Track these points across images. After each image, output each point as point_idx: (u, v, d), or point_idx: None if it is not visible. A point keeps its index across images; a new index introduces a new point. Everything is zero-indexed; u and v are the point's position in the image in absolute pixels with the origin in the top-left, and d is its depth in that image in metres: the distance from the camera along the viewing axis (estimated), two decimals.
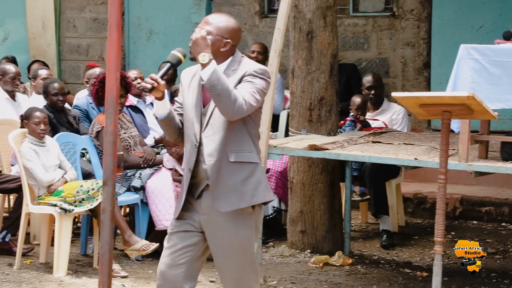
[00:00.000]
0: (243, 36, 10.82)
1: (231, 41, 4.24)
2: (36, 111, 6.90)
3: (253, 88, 4.14)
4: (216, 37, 4.23)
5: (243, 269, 4.27)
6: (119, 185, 7.01)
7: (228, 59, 4.27)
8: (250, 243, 4.25)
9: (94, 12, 11.50)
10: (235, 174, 4.19)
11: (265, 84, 4.20)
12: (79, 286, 6.33)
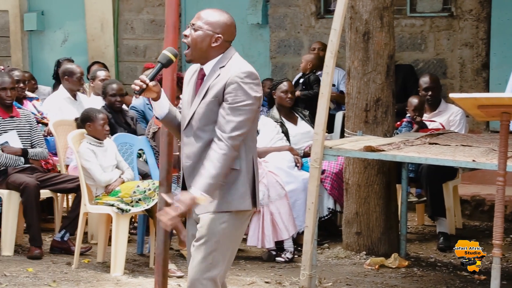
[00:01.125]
0: (298, 37, 10.85)
1: (222, 36, 4.15)
2: (99, 113, 6.98)
3: (234, 119, 4.01)
4: (207, 32, 4.15)
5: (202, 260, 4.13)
6: (175, 185, 7.05)
7: (220, 55, 4.18)
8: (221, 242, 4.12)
9: (152, 14, 11.60)
10: None
11: (249, 90, 4.05)
12: (136, 285, 6.38)
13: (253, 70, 4.14)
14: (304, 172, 7.45)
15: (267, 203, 7.13)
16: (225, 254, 4.16)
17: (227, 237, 4.14)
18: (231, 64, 4.13)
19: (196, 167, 4.14)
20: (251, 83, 4.08)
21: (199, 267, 4.12)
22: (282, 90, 7.85)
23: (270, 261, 7.19)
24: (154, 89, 4.17)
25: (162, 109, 4.24)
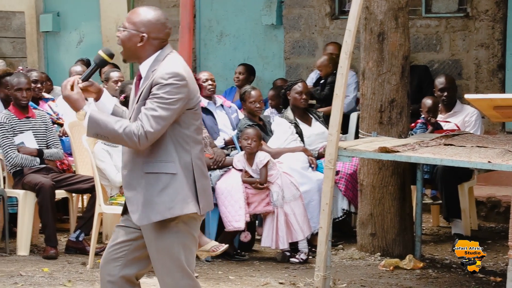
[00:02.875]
0: (313, 38, 10.84)
1: (147, 34, 4.05)
2: None
3: (154, 110, 3.93)
4: (131, 32, 4.07)
5: (167, 275, 4.10)
6: None
7: (154, 55, 4.09)
8: (173, 253, 4.05)
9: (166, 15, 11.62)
10: (151, 185, 4.02)
11: (174, 89, 3.96)
12: (151, 285, 6.39)
13: (180, 71, 4.02)
14: (318, 173, 7.44)
15: (281, 204, 7.12)
16: (189, 257, 4.11)
17: (184, 242, 4.07)
18: (163, 64, 4.04)
19: (132, 176, 4.06)
20: (174, 84, 3.97)
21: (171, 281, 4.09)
22: (297, 91, 7.85)
23: (284, 262, 7.18)
24: (91, 89, 4.16)
25: (104, 109, 4.18)
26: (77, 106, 4.03)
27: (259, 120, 7.87)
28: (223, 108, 8.29)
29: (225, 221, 7.08)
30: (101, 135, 3.99)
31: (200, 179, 4.10)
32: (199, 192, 4.08)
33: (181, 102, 3.99)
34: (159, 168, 4.02)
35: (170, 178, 4.02)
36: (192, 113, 4.08)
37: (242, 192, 7.09)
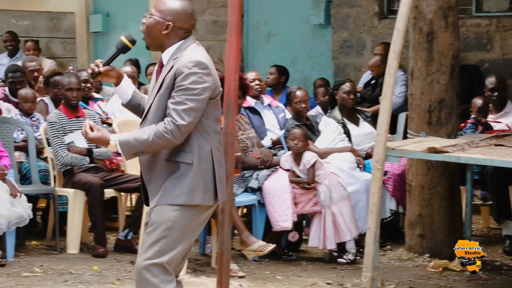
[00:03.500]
0: (361, 37, 10.78)
1: (173, 23, 4.08)
2: None
3: (183, 103, 3.97)
4: (158, 20, 4.10)
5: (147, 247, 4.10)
6: (237, 185, 7.08)
7: (176, 44, 4.12)
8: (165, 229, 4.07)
9: (214, 15, 11.65)
10: (168, 172, 4.08)
11: (199, 79, 4.00)
12: (198, 285, 6.42)
13: (203, 59, 4.06)
14: (366, 173, 7.40)
15: (328, 204, 7.10)
16: (176, 243, 4.11)
17: (177, 227, 4.09)
18: (185, 54, 4.07)
19: (152, 163, 4.12)
20: (199, 73, 4.01)
21: (146, 253, 4.10)
22: (345, 91, 7.82)
23: (331, 263, 7.16)
24: (111, 74, 4.20)
25: (124, 95, 4.25)
26: (105, 141, 4.10)
27: (306, 120, 7.85)
28: (271, 107, 8.29)
29: (272, 221, 7.08)
30: (139, 152, 4.05)
31: (219, 169, 4.16)
32: (218, 182, 4.15)
33: (207, 91, 4.04)
34: (179, 157, 4.08)
35: (186, 167, 4.08)
36: (213, 103, 4.11)
37: (289, 192, 7.08)
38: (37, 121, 7.90)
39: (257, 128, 7.84)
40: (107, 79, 4.24)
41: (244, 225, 6.85)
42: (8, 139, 7.44)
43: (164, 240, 4.09)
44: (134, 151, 4.05)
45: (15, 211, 6.77)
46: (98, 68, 4.17)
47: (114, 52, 4.25)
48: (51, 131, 7.32)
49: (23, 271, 6.64)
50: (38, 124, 7.86)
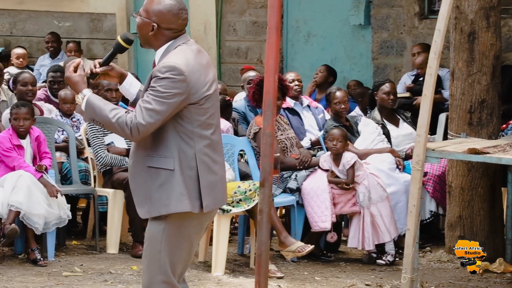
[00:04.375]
0: (401, 38, 10.71)
1: (158, 24, 4.01)
2: None
3: (149, 103, 3.90)
4: (144, 20, 4.06)
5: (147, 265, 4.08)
6: (276, 186, 7.07)
7: (164, 44, 4.06)
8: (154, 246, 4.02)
9: (254, 16, 11.66)
10: (151, 180, 4.00)
11: (170, 83, 3.90)
12: (237, 285, 6.43)
13: (179, 65, 3.95)
14: (405, 174, 7.36)
15: (368, 205, 7.07)
16: (174, 254, 4.05)
17: (169, 238, 4.03)
18: (168, 56, 4.01)
19: (135, 168, 4.06)
20: (171, 78, 3.92)
21: (148, 272, 4.06)
22: (384, 92, 7.78)
23: (370, 264, 7.13)
24: (112, 74, 4.19)
25: (128, 93, 4.24)
26: (77, 88, 4.05)
27: (345, 121, 7.83)
28: (310, 108, 8.27)
29: (311, 222, 7.07)
30: (96, 120, 4.00)
31: (206, 176, 4.04)
32: (204, 189, 4.02)
33: (178, 97, 3.93)
34: (159, 163, 4.00)
35: (168, 174, 3.99)
36: (196, 108, 3.99)
37: (328, 193, 7.07)
38: (77, 122, 7.97)
39: (296, 128, 7.83)
40: (108, 79, 4.23)
41: (282, 226, 6.85)
42: (49, 139, 7.52)
43: (159, 255, 4.03)
44: (93, 117, 4.00)
45: (52, 212, 6.83)
46: (95, 69, 4.15)
47: (111, 52, 4.23)
48: (92, 132, 7.38)
49: (64, 270, 6.71)
50: (79, 125, 7.93)
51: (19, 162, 6.86)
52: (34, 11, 12.45)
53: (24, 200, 6.67)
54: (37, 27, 12.38)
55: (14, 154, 6.89)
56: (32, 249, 6.85)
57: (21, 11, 12.51)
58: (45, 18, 12.39)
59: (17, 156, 6.88)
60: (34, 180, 6.81)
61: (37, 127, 7.35)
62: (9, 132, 6.97)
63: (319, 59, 10.70)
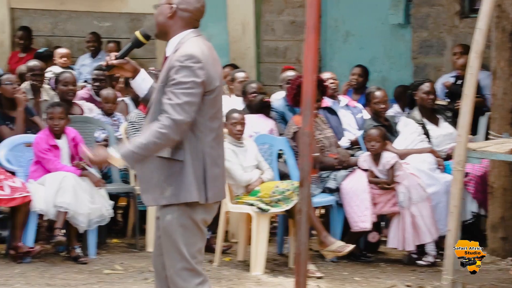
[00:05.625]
0: (441, 37, 10.63)
1: (177, 5, 4.09)
2: (233, 112, 7.08)
3: (177, 97, 3.94)
4: (164, 6, 4.14)
5: (167, 257, 4.13)
6: (314, 186, 7.06)
7: (180, 33, 4.11)
8: (171, 235, 4.08)
9: (292, 15, 11.64)
10: (161, 169, 4.05)
11: (191, 72, 3.96)
12: (276, 285, 6.43)
13: (196, 53, 4.03)
14: (446, 175, 7.30)
15: (408, 205, 7.03)
16: (190, 241, 4.11)
17: (183, 227, 4.09)
18: (180, 48, 4.06)
19: None
20: (191, 67, 3.98)
21: (170, 260, 4.12)
22: (424, 91, 7.73)
23: (411, 264, 7.09)
24: (126, 68, 4.22)
25: (139, 89, 4.27)
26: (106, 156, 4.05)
27: (384, 120, 7.78)
28: (348, 108, 8.24)
29: (350, 222, 7.04)
30: (144, 156, 4.02)
31: (211, 168, 4.11)
32: (209, 181, 4.10)
33: (199, 85, 4.00)
34: (169, 153, 4.05)
35: (178, 164, 4.05)
36: (209, 100, 4.06)
37: (368, 192, 7.04)
38: (117, 121, 8.03)
39: (335, 128, 7.80)
40: (122, 73, 4.28)
41: (322, 226, 6.83)
42: (90, 138, 7.59)
43: (178, 244, 4.10)
44: (138, 158, 4.02)
45: (95, 209, 6.89)
46: (112, 61, 4.21)
47: (129, 47, 4.28)
48: (131, 131, 7.42)
49: (105, 268, 6.76)
50: (119, 124, 7.98)
51: (54, 165, 6.90)
52: (74, 12, 12.56)
53: (71, 200, 6.74)
54: (78, 27, 12.49)
55: (49, 156, 6.92)
56: (74, 247, 6.92)
57: (62, 12, 12.64)
58: (85, 18, 12.49)
59: (52, 158, 6.91)
60: (78, 179, 6.87)
61: (78, 126, 7.42)
62: (45, 133, 7.03)
63: (358, 58, 10.65)
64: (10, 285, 6.17)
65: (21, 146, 7.25)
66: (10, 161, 7.14)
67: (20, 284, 6.20)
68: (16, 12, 12.77)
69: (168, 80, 4.04)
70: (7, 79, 7.46)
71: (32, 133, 7.30)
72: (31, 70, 8.10)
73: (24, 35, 11.77)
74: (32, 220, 6.83)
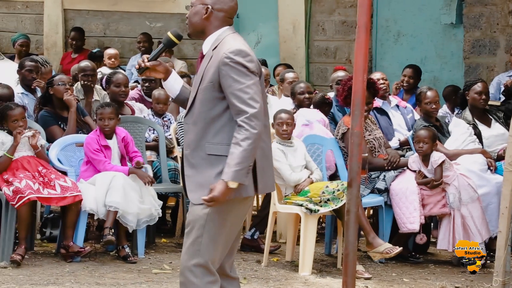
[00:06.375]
0: (494, 37, 10.50)
1: (212, 6, 4.12)
2: (281, 112, 7.07)
3: (245, 92, 3.98)
4: (198, 6, 4.17)
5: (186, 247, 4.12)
6: (363, 186, 7.02)
7: (216, 31, 4.14)
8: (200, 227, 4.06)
9: (343, 15, 11.60)
10: (211, 167, 4.05)
11: (243, 68, 4.01)
12: (324, 285, 6.41)
13: (241, 47, 4.06)
14: (497, 176, 7.20)
15: (458, 206, 6.95)
16: (215, 239, 4.08)
17: (212, 223, 4.08)
18: (221, 45, 4.08)
19: (194, 156, 4.11)
20: (242, 61, 4.02)
21: (187, 254, 4.11)
22: (476, 91, 7.64)
23: (460, 266, 7.00)
24: (159, 69, 4.25)
25: (172, 89, 4.30)
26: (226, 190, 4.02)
27: (435, 121, 7.71)
28: (399, 108, 8.18)
29: (399, 223, 6.99)
30: (247, 169, 4.02)
31: (261, 159, 4.12)
32: (259, 173, 4.11)
33: (255, 75, 4.05)
34: (221, 151, 4.06)
35: (213, 159, 4.06)
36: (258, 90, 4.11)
37: (417, 194, 6.98)
38: (168, 121, 8.08)
39: (385, 128, 7.75)
40: (155, 74, 4.30)
41: (370, 227, 6.79)
42: (140, 138, 7.64)
43: (201, 239, 4.09)
44: (245, 172, 4.02)
45: (144, 209, 6.93)
46: (145, 63, 4.24)
47: (161, 48, 4.32)
48: (181, 131, 7.47)
49: (153, 267, 6.81)
50: (169, 124, 8.03)
51: (104, 165, 6.95)
52: (126, 12, 12.69)
53: (121, 200, 6.79)
54: (130, 27, 12.61)
55: (100, 157, 6.97)
56: (123, 246, 6.98)
57: (114, 12, 12.77)
58: (137, 19, 12.60)
59: (102, 159, 6.96)
60: (127, 179, 6.92)
61: (128, 126, 7.48)
62: (96, 133, 7.09)
63: (409, 58, 10.57)
64: (60, 283, 6.25)
65: (72, 146, 7.33)
66: (61, 160, 7.22)
67: (70, 282, 6.27)
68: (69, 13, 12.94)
69: (220, 80, 4.06)
70: (59, 80, 7.54)
71: (83, 133, 7.38)
72: (82, 70, 8.17)
73: (77, 35, 11.92)
74: (83, 219, 6.90)
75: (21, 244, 6.71)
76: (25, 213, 6.68)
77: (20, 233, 6.73)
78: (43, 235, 7.45)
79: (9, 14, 13.39)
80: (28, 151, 6.92)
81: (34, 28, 13.13)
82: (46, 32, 12.87)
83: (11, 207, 6.68)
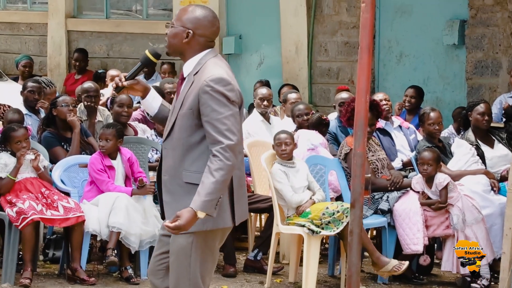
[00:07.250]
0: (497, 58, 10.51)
1: (193, 31, 4.06)
2: (280, 133, 7.06)
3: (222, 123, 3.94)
4: (178, 29, 4.09)
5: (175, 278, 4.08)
6: (367, 207, 7.01)
7: (198, 55, 4.08)
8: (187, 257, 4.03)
9: (346, 36, 11.63)
10: (188, 195, 3.99)
11: (223, 97, 3.96)
12: None
13: (223, 75, 4.01)
14: (501, 197, 7.18)
15: (462, 227, 6.93)
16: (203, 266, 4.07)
17: (199, 252, 4.06)
18: (202, 71, 4.03)
19: (172, 183, 4.06)
20: (222, 91, 3.98)
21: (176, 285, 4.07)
22: (479, 112, 7.64)
23: (464, 287, 6.97)
24: (137, 88, 4.20)
25: (150, 108, 4.26)
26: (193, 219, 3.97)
27: (438, 141, 7.71)
28: (401, 129, 8.18)
29: (402, 244, 6.97)
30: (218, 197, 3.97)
31: (238, 189, 4.11)
32: (236, 202, 4.09)
33: (235, 105, 4.02)
34: (197, 179, 4.00)
35: (195, 189, 4.00)
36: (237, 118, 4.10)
37: (420, 215, 6.96)
38: None
39: (387, 149, 7.75)
40: (133, 93, 4.27)
41: (374, 246, 6.77)
42: (143, 159, 7.64)
43: (190, 269, 4.07)
44: (215, 203, 3.97)
45: (147, 230, 6.92)
46: (122, 82, 4.21)
47: (138, 66, 4.28)
48: None
49: None
50: None
51: (107, 186, 6.94)
52: (130, 34, 12.74)
53: (124, 221, 6.78)
54: (133, 48, 12.65)
55: (103, 177, 6.95)
56: (126, 267, 6.96)
57: (117, 34, 12.82)
58: (140, 40, 12.65)
59: (105, 179, 6.95)
60: (131, 200, 6.91)
61: (131, 147, 7.48)
62: (100, 153, 7.08)
63: (411, 79, 10.59)
64: None
65: (75, 167, 7.33)
66: (64, 181, 7.22)
67: None
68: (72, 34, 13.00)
69: (199, 106, 4.02)
70: (63, 101, 7.54)
71: (87, 154, 7.38)
72: (85, 91, 8.18)
73: (80, 57, 11.96)
74: (85, 240, 6.89)
75: (27, 266, 6.68)
76: (29, 234, 6.66)
77: (26, 256, 6.70)
78: (45, 256, 7.43)
79: (13, 35, 13.45)
80: (31, 172, 6.92)
81: (38, 50, 13.19)
82: (49, 54, 12.93)
83: (15, 228, 6.68)
